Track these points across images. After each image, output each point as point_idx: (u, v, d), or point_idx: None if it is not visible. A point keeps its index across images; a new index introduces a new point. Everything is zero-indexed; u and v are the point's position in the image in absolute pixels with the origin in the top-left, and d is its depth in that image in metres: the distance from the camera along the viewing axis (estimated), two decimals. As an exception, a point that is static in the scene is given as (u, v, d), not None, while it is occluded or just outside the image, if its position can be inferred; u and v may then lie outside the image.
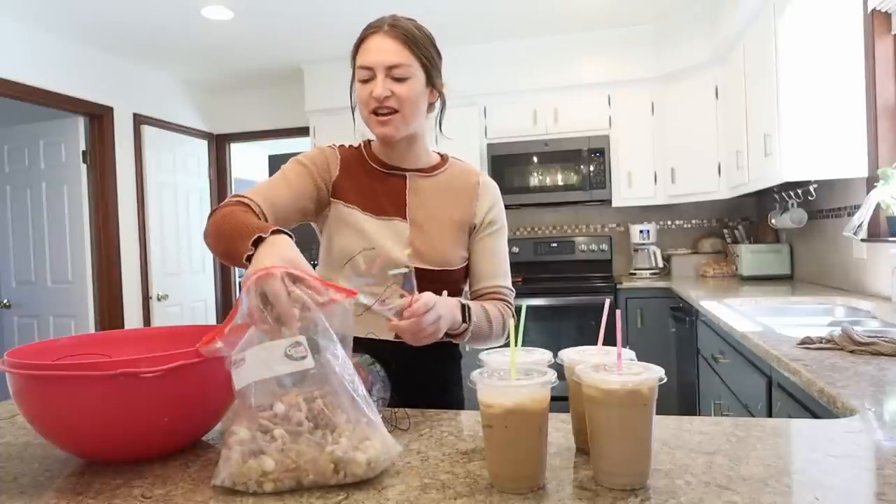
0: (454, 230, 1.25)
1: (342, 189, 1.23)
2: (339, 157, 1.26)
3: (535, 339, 3.79)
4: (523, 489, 0.71)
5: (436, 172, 1.29)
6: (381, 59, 1.14)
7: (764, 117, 2.82)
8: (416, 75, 1.17)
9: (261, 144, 5.55)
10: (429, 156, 1.31)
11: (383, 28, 1.16)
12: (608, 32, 4.05)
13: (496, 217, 1.30)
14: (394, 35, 1.15)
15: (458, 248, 1.25)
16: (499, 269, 1.28)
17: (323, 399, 0.78)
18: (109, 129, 4.12)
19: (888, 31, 2.44)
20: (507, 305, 1.26)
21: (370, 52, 1.15)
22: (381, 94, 1.14)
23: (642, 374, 0.71)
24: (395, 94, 1.15)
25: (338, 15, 3.60)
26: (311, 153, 1.26)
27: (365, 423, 0.77)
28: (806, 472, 0.74)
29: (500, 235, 1.30)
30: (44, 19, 3.50)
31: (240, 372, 0.78)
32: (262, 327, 0.79)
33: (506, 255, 1.31)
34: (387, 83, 1.14)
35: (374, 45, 1.15)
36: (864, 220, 2.23)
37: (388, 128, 1.17)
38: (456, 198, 1.27)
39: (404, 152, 1.26)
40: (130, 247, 4.27)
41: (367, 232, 1.20)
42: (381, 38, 1.15)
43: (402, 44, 1.15)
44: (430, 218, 1.24)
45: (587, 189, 4.04)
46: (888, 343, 1.38)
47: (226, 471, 0.74)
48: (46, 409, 0.81)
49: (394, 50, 1.14)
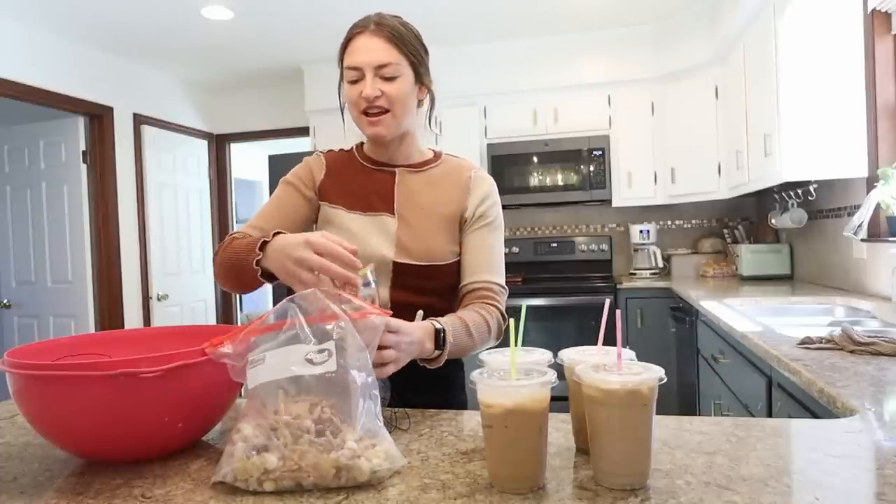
0: (443, 224, 1.23)
1: (326, 191, 1.25)
2: (325, 161, 1.28)
3: (535, 339, 3.79)
4: (523, 489, 0.71)
5: (426, 167, 1.28)
6: (369, 59, 1.14)
7: (764, 117, 2.82)
8: (404, 73, 1.17)
9: (261, 144, 5.55)
10: (421, 153, 1.30)
11: (369, 27, 1.15)
12: (608, 32, 4.05)
13: (488, 211, 1.25)
14: (380, 34, 1.15)
15: (447, 243, 1.22)
16: (489, 265, 1.22)
17: (330, 407, 0.77)
18: (109, 129, 4.12)
19: (888, 31, 2.44)
20: (491, 306, 1.19)
21: (358, 53, 1.15)
22: (371, 94, 1.13)
23: (642, 374, 0.71)
24: (385, 93, 1.14)
25: (338, 15, 3.60)
26: (296, 168, 1.29)
27: (372, 432, 0.77)
28: (806, 472, 0.74)
29: (493, 230, 1.25)
30: (44, 19, 3.51)
31: (257, 371, 0.78)
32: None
33: (499, 252, 1.26)
34: (376, 83, 1.14)
35: (361, 45, 1.15)
36: (864, 220, 2.23)
37: (380, 128, 1.17)
38: (446, 191, 1.25)
39: (396, 150, 1.26)
40: (130, 247, 4.27)
41: (353, 230, 1.20)
42: (368, 38, 1.15)
43: (389, 42, 1.15)
44: (418, 212, 1.22)
45: (587, 189, 4.04)
46: (888, 343, 1.38)
47: (228, 466, 0.74)
48: (46, 409, 0.81)
49: (381, 49, 1.14)
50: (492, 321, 1.17)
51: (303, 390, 0.77)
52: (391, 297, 1.19)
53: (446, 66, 4.12)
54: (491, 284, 1.21)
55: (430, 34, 1.28)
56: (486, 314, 1.16)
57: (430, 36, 1.28)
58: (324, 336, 0.79)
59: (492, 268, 1.23)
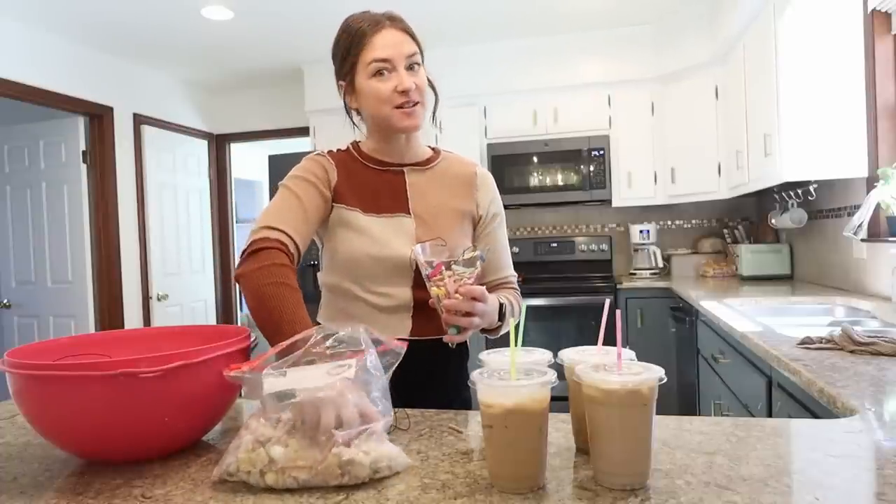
0: (458, 220, 1.26)
1: (342, 193, 1.21)
2: (333, 162, 1.23)
3: (535, 339, 3.79)
4: (523, 489, 0.71)
5: (431, 165, 1.30)
6: (400, 51, 1.15)
7: (764, 117, 2.82)
8: (422, 64, 1.21)
9: (261, 144, 5.55)
10: (423, 149, 1.31)
11: (385, 23, 1.17)
12: (608, 32, 4.05)
13: (498, 208, 1.34)
14: (398, 27, 1.18)
15: (463, 238, 1.26)
16: (507, 260, 1.35)
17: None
18: (109, 129, 4.12)
19: (888, 31, 2.43)
20: (518, 293, 1.34)
21: (386, 47, 1.14)
22: (410, 86, 1.14)
23: (642, 374, 0.71)
24: (417, 85, 1.16)
25: (338, 15, 3.55)
26: (307, 166, 1.22)
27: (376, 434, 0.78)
28: (806, 472, 0.74)
29: (502, 226, 1.35)
30: (44, 19, 3.50)
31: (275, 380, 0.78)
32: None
33: (507, 244, 1.37)
34: (410, 76, 1.15)
35: (388, 39, 1.15)
36: (864, 220, 2.23)
37: (414, 119, 1.18)
38: (455, 188, 1.28)
39: (404, 147, 1.26)
40: (130, 247, 4.27)
41: (373, 232, 1.19)
42: (391, 32, 1.16)
43: (407, 34, 1.19)
44: (432, 211, 1.24)
45: (587, 189, 4.04)
46: (888, 343, 1.38)
47: (233, 456, 0.75)
48: (46, 409, 0.81)
49: (406, 41, 1.17)
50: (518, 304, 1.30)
51: None
52: (414, 296, 1.21)
53: (446, 66, 4.12)
54: (511, 278, 1.34)
55: (431, 34, 1.29)
56: (515, 300, 1.30)
57: (431, 36, 1.29)
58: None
59: (509, 262, 1.35)
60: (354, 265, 1.20)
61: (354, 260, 1.19)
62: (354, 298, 1.21)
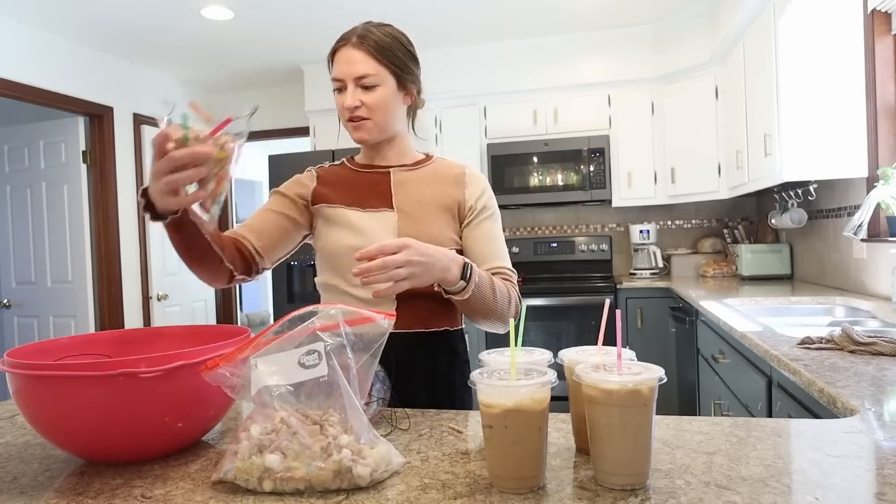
0: (442, 213, 1.27)
1: (322, 194, 1.29)
2: (315, 174, 1.34)
3: (535, 339, 3.79)
4: (523, 489, 0.71)
5: (419, 166, 1.33)
6: (348, 71, 1.20)
7: (764, 117, 2.82)
8: (384, 83, 1.22)
9: (261, 144, 5.55)
10: (413, 154, 1.35)
11: (351, 41, 1.21)
12: (608, 32, 4.05)
13: (489, 203, 1.32)
14: (361, 47, 1.20)
15: (447, 231, 1.26)
16: (499, 252, 1.30)
17: (329, 410, 0.78)
18: (109, 129, 4.12)
19: (888, 31, 2.44)
20: (513, 285, 1.26)
21: (339, 65, 1.21)
22: (351, 104, 1.20)
23: (642, 374, 0.71)
24: (365, 103, 1.21)
25: (338, 15, 3.60)
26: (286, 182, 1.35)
27: (371, 434, 0.77)
28: (806, 472, 0.74)
29: (496, 221, 1.33)
30: (44, 19, 3.50)
31: (257, 376, 0.78)
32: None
33: (503, 240, 1.33)
34: (356, 93, 1.20)
35: (343, 58, 1.21)
36: (864, 220, 2.23)
37: (362, 132, 1.24)
38: (441, 185, 1.30)
39: (387, 153, 1.32)
40: (130, 247, 4.27)
41: (356, 224, 1.24)
42: (349, 51, 1.20)
43: (369, 55, 1.20)
44: (416, 204, 1.26)
45: (587, 189, 4.04)
46: (888, 343, 1.38)
47: (231, 464, 0.75)
48: (46, 409, 0.81)
49: (361, 61, 1.20)
50: (513, 292, 1.23)
51: (303, 394, 0.78)
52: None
53: (446, 66, 4.13)
54: (504, 269, 1.28)
55: (431, 35, 1.29)
56: (507, 285, 1.23)
57: (431, 36, 1.29)
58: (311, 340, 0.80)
59: (503, 255, 1.30)
60: (337, 259, 1.23)
61: (337, 253, 1.23)
62: (342, 294, 1.24)
